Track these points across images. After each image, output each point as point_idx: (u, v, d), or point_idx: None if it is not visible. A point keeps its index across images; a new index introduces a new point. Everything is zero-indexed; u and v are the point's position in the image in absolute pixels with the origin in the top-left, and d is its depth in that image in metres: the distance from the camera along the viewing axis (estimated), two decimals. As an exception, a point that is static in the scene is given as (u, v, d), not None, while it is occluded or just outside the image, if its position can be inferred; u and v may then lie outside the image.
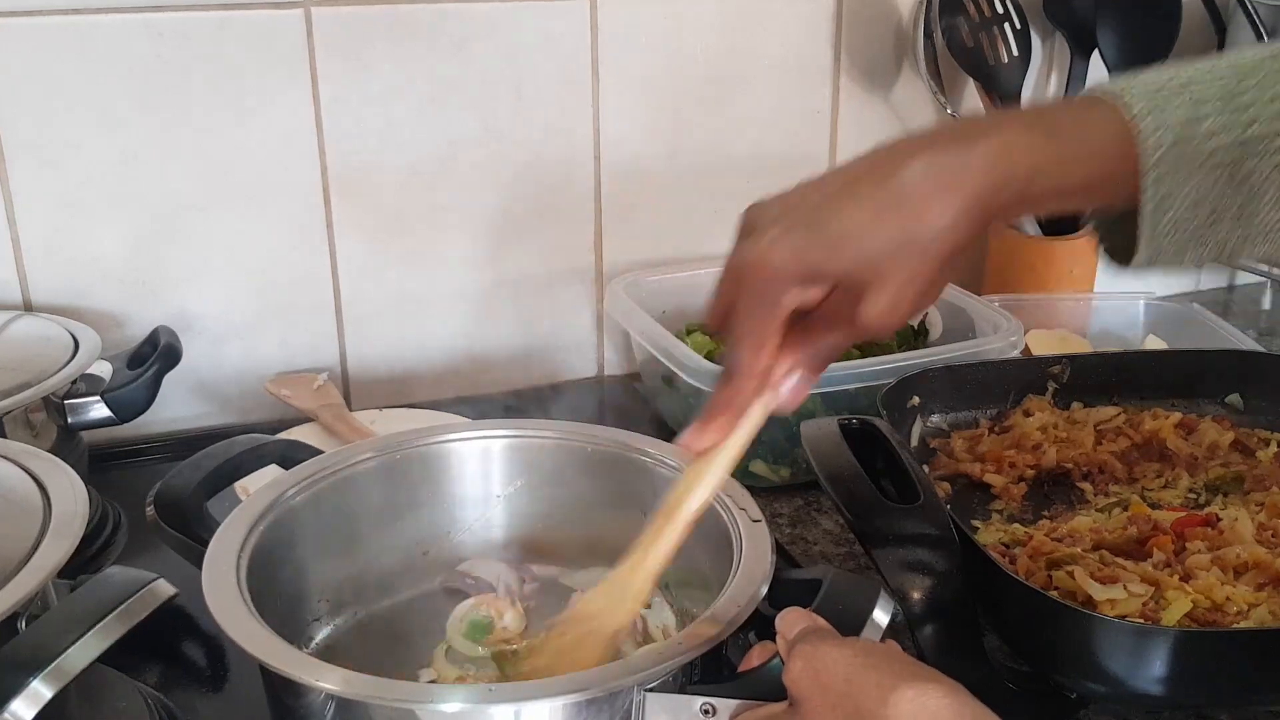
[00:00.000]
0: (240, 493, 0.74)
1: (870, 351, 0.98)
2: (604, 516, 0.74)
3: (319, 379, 1.01)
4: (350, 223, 1.03)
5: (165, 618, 0.55)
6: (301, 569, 0.69)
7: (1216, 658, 0.59)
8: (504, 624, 0.70)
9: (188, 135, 0.96)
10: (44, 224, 0.95)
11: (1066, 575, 0.65)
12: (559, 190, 1.09)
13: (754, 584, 0.59)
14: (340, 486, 0.71)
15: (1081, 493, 0.81)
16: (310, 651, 0.68)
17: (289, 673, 0.53)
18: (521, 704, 0.52)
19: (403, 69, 1.00)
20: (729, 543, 0.63)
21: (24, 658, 0.49)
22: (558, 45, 1.05)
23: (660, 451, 0.73)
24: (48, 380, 0.80)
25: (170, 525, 0.66)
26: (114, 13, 0.91)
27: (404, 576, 0.74)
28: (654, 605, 0.68)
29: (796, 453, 0.91)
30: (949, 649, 0.62)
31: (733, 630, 0.56)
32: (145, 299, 0.99)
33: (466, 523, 0.76)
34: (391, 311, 1.07)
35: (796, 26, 1.13)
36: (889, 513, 0.65)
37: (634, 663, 0.54)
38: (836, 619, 0.55)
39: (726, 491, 0.66)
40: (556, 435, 0.76)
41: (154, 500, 0.68)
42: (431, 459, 0.75)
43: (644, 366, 1.08)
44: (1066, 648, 0.61)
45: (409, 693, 0.55)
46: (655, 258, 1.15)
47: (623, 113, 1.09)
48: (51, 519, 0.58)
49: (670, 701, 0.53)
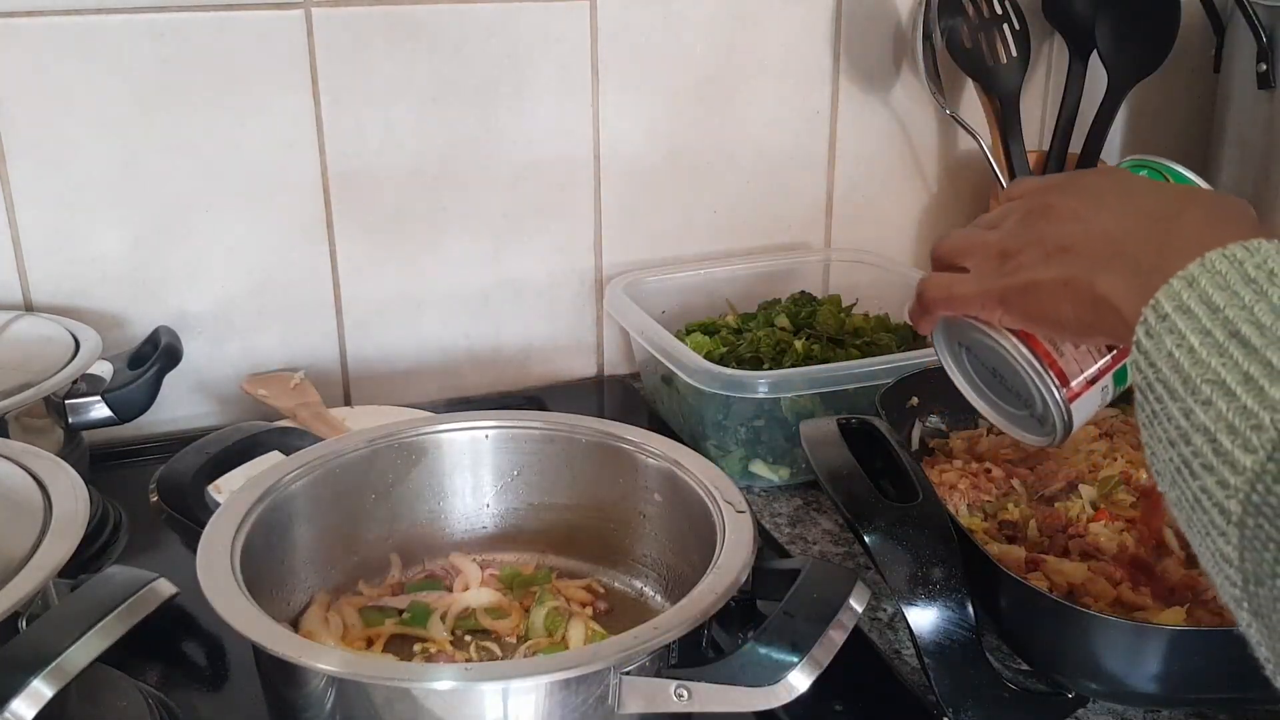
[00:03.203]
0: (214, 492, 0.74)
1: (870, 351, 0.98)
2: (593, 506, 0.75)
3: (295, 377, 1.00)
4: (350, 223, 1.03)
5: (165, 617, 0.55)
6: (295, 554, 0.70)
7: (1214, 656, 0.59)
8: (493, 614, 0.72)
9: (188, 135, 0.96)
10: (44, 224, 0.95)
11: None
12: (559, 190, 1.10)
13: (732, 572, 0.59)
14: (336, 474, 0.72)
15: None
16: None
17: (282, 652, 0.53)
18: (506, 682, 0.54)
19: (403, 69, 1.00)
20: (714, 533, 0.64)
21: (24, 657, 0.49)
22: (558, 45, 1.05)
23: (646, 440, 0.73)
24: (49, 380, 0.80)
25: (173, 509, 0.67)
26: (114, 13, 0.91)
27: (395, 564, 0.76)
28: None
29: (796, 453, 0.91)
30: (948, 649, 0.63)
31: (709, 616, 0.56)
32: (145, 299, 0.99)
33: (458, 512, 0.77)
34: (391, 311, 1.07)
35: (796, 27, 1.13)
36: (888, 512, 0.65)
37: (611, 646, 0.55)
38: (812, 606, 0.56)
39: (714, 485, 0.67)
40: (545, 426, 0.77)
41: (157, 483, 0.69)
42: (424, 449, 0.76)
43: (644, 366, 1.08)
44: (1065, 646, 0.61)
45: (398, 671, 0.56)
46: (655, 258, 1.15)
47: (623, 113, 1.09)
48: (52, 519, 0.58)
49: (646, 685, 0.54)
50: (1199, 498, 0.39)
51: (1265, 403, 0.37)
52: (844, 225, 1.23)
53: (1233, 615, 0.39)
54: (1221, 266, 0.42)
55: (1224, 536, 0.38)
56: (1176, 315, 0.42)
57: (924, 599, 0.63)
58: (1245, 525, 0.37)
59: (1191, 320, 0.41)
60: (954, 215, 1.27)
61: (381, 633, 0.69)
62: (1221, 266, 0.42)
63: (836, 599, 0.56)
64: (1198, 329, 0.41)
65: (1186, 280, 0.42)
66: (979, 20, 1.13)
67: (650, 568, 0.74)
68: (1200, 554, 0.41)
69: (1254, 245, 0.42)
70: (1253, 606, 0.37)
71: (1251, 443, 0.37)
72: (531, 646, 0.68)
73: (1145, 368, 0.43)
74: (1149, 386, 0.43)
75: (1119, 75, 1.15)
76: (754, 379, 0.87)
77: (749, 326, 1.04)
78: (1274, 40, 1.08)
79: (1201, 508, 0.39)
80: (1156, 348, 0.42)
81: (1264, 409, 0.37)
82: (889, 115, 1.20)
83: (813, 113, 1.17)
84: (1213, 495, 0.39)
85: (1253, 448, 0.37)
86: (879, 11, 1.16)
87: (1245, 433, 0.37)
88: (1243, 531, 0.37)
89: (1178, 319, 0.42)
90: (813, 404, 0.90)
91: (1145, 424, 0.44)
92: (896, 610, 0.72)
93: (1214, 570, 0.40)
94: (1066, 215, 0.52)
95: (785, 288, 1.12)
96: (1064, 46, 1.20)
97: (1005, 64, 1.14)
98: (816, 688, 0.53)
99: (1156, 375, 0.42)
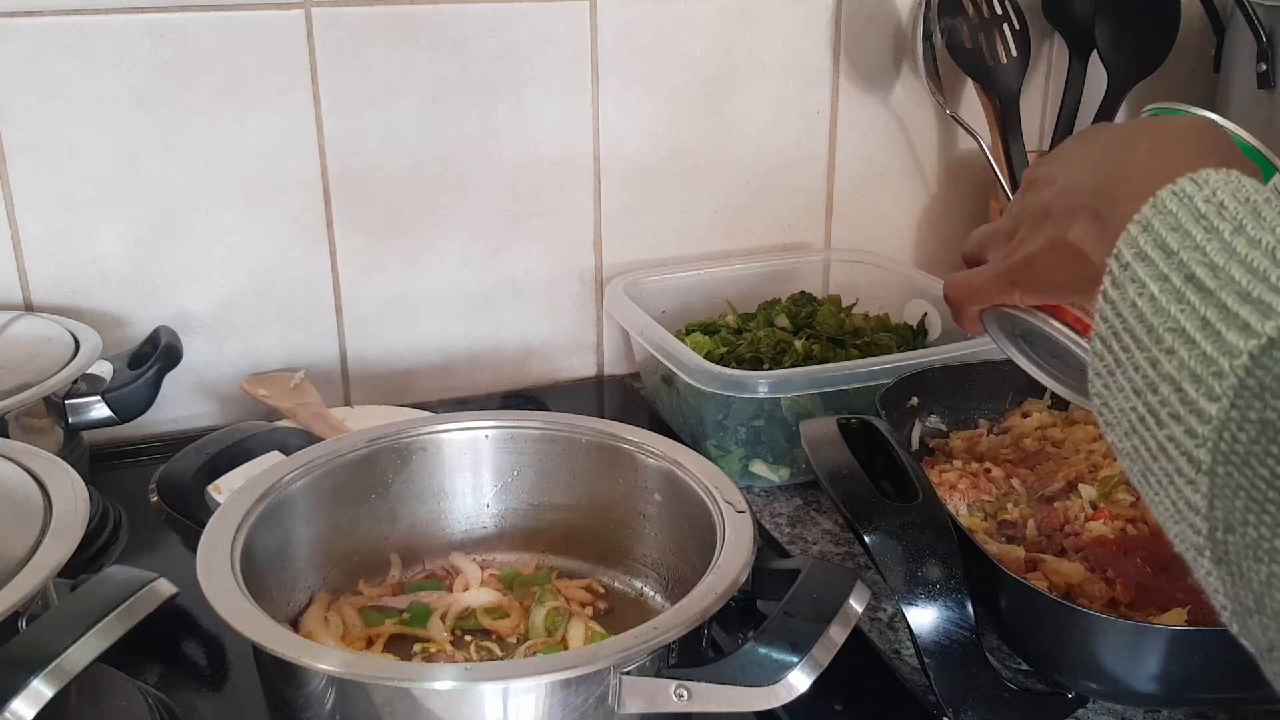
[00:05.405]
0: (214, 492, 0.74)
1: (870, 351, 0.98)
2: (593, 506, 0.76)
3: (295, 377, 1.00)
4: (350, 223, 1.03)
5: (165, 617, 0.55)
6: (295, 554, 0.70)
7: (1214, 656, 0.59)
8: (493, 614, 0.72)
9: (188, 135, 0.96)
10: (44, 224, 0.95)
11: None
12: (559, 190, 1.10)
13: (732, 572, 0.59)
14: (336, 474, 0.72)
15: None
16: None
17: (282, 652, 0.53)
18: (506, 682, 0.54)
19: (403, 69, 1.00)
20: (714, 533, 0.64)
21: (24, 657, 0.49)
22: (558, 45, 1.05)
23: (646, 440, 0.74)
24: (49, 380, 0.80)
25: (173, 509, 0.67)
26: (114, 13, 0.91)
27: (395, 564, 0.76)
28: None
29: (796, 453, 0.91)
30: (948, 648, 0.63)
31: (709, 616, 0.56)
32: (145, 299, 0.99)
33: (458, 512, 0.77)
34: (391, 311, 1.07)
35: (796, 27, 1.13)
36: (888, 512, 0.65)
37: (611, 645, 0.55)
38: (812, 606, 0.56)
39: (714, 485, 0.68)
40: (545, 426, 0.77)
41: (157, 483, 0.69)
42: (424, 449, 0.76)
43: (643, 366, 1.08)
44: (1065, 646, 0.61)
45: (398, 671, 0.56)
46: (655, 258, 1.15)
47: (623, 113, 1.09)
48: (52, 519, 0.58)
49: (646, 684, 0.54)
50: (1164, 446, 0.39)
51: (1224, 349, 0.37)
52: (844, 225, 1.23)
53: (1190, 564, 0.39)
54: (1172, 205, 0.42)
55: (1192, 485, 0.38)
56: (1136, 263, 0.42)
57: (924, 599, 0.63)
58: (1215, 474, 0.37)
59: (1150, 267, 0.42)
60: (954, 215, 1.27)
61: (381, 633, 0.69)
62: (1172, 205, 0.42)
63: (836, 599, 0.56)
64: (1156, 275, 0.41)
65: (1141, 225, 0.43)
66: (979, 20, 1.13)
67: (650, 568, 0.74)
68: (1157, 504, 0.41)
69: (1202, 177, 0.42)
70: (1216, 554, 0.37)
71: (1214, 390, 0.37)
72: (531, 646, 0.68)
73: (1112, 318, 0.43)
74: (1115, 336, 0.43)
75: (1119, 75, 1.15)
76: (754, 379, 0.87)
77: (749, 326, 1.04)
78: (1274, 40, 1.08)
79: (1167, 455, 0.39)
80: (1121, 297, 0.43)
81: (1223, 355, 0.37)
82: (889, 115, 1.20)
83: (812, 112, 1.17)
84: (1181, 444, 0.38)
85: (1216, 395, 0.37)
86: (879, 11, 1.16)
87: (1208, 380, 0.37)
88: (1213, 480, 0.37)
89: (1138, 267, 0.42)
90: (813, 404, 0.90)
91: (1103, 373, 0.44)
92: (896, 610, 0.72)
93: (1173, 519, 0.39)
94: (1045, 181, 0.53)
95: (785, 288, 1.12)
96: (1064, 46, 1.20)
97: (1005, 64, 1.14)
98: (816, 688, 0.53)
99: (1124, 325, 0.42)
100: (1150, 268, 0.41)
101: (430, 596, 0.72)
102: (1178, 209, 0.42)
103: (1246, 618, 0.36)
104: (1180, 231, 0.41)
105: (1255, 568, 0.35)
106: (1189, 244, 0.40)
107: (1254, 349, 0.36)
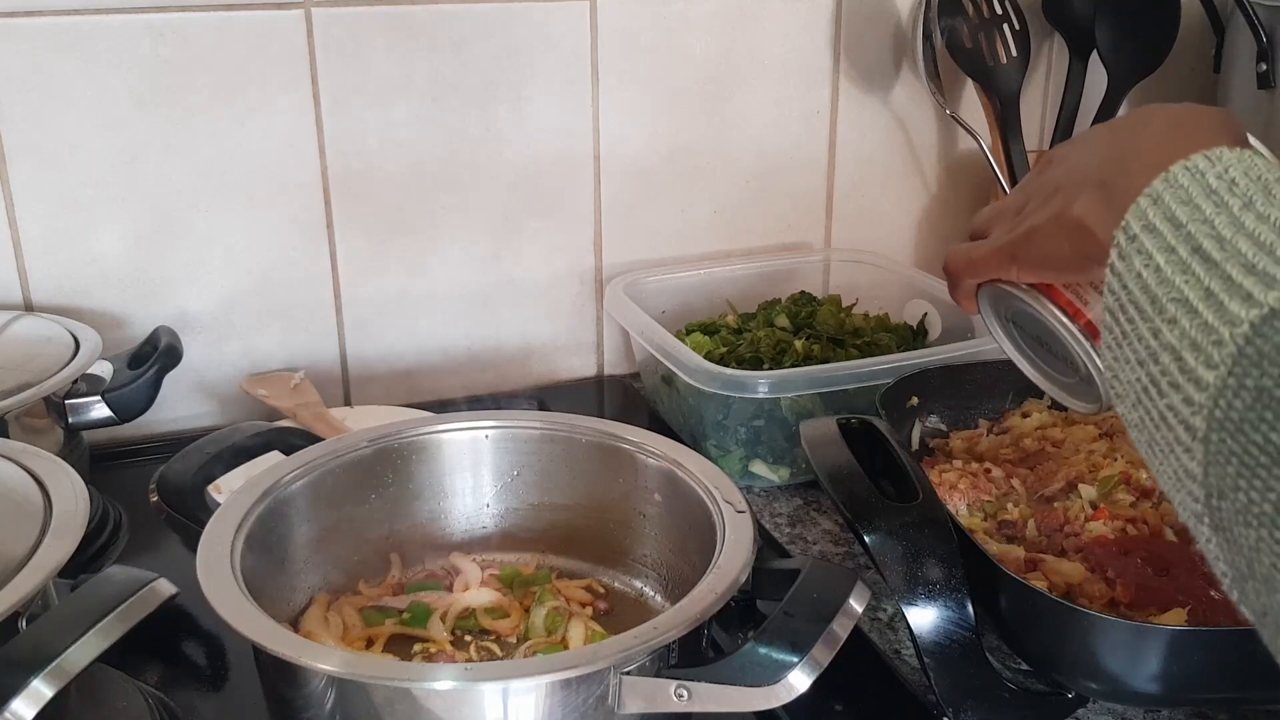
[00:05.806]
0: (214, 492, 0.74)
1: (870, 351, 0.98)
2: (593, 506, 0.76)
3: (295, 377, 1.00)
4: (350, 223, 1.03)
5: (165, 617, 0.55)
6: (295, 554, 0.70)
7: (1214, 656, 0.59)
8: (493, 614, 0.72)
9: (188, 135, 0.96)
10: (44, 224, 0.95)
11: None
12: (559, 190, 1.10)
13: (732, 572, 0.59)
14: (336, 474, 0.72)
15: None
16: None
17: (282, 652, 0.53)
18: (506, 682, 0.54)
19: (402, 69, 1.00)
20: (714, 533, 0.64)
21: (24, 657, 0.49)
22: (558, 45, 1.05)
23: (646, 440, 0.74)
24: (49, 380, 0.80)
25: (173, 509, 0.67)
26: (114, 13, 0.91)
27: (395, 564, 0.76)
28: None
29: (796, 453, 0.91)
30: (948, 649, 0.63)
31: (709, 616, 0.56)
32: (145, 299, 0.99)
33: (458, 512, 0.77)
34: (391, 311, 1.07)
35: (796, 27, 1.13)
36: (888, 511, 0.65)
37: (611, 645, 0.55)
38: (812, 606, 0.56)
39: (714, 485, 0.68)
40: (545, 426, 0.77)
41: (157, 483, 0.69)
42: (424, 449, 0.76)
43: (643, 366, 1.08)
44: (1065, 646, 0.61)
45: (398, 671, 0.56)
46: (655, 258, 1.15)
47: (623, 113, 1.09)
48: (52, 519, 0.58)
49: (646, 684, 0.54)
50: (1164, 415, 0.40)
51: (1225, 318, 0.37)
52: (844, 225, 1.23)
53: (1192, 532, 0.39)
54: (1184, 180, 0.42)
55: (1189, 452, 0.38)
56: (1144, 235, 0.42)
57: (924, 599, 0.63)
58: (1209, 441, 0.37)
59: (1157, 239, 0.42)
60: (954, 215, 1.27)
61: (381, 633, 0.69)
62: (1184, 180, 0.42)
63: (836, 599, 0.56)
64: (1163, 247, 0.41)
65: (1151, 198, 0.43)
66: (979, 20, 1.13)
67: (650, 568, 0.74)
68: (1161, 474, 0.41)
69: (1215, 154, 0.42)
70: (1214, 521, 0.38)
71: (1213, 358, 0.37)
72: (531, 646, 0.68)
73: (1119, 289, 0.43)
74: (1121, 309, 0.43)
75: (1119, 75, 1.15)
76: (754, 379, 0.87)
77: (749, 326, 1.04)
78: (1274, 40, 1.08)
79: (1167, 424, 0.40)
80: (1128, 269, 0.43)
81: (1223, 324, 0.37)
82: (889, 115, 1.20)
83: (812, 113, 1.17)
84: (1179, 412, 0.39)
85: (1214, 364, 0.37)
86: (879, 11, 1.16)
87: (1207, 349, 0.38)
88: (1207, 447, 0.37)
89: (1145, 238, 0.42)
90: (813, 404, 0.90)
91: (1113, 345, 0.44)
92: (896, 610, 0.72)
93: (1175, 488, 0.40)
94: (1058, 160, 0.54)
95: (785, 288, 1.12)
96: (1064, 46, 1.20)
97: (1005, 64, 1.14)
98: (816, 688, 0.53)
99: (1129, 297, 0.43)
100: (1158, 239, 0.42)
101: (430, 596, 0.72)
102: (1189, 183, 0.42)
103: (1243, 584, 0.37)
104: (1190, 205, 0.41)
105: (1245, 533, 0.36)
106: (1198, 217, 0.41)
107: (1255, 318, 0.36)
